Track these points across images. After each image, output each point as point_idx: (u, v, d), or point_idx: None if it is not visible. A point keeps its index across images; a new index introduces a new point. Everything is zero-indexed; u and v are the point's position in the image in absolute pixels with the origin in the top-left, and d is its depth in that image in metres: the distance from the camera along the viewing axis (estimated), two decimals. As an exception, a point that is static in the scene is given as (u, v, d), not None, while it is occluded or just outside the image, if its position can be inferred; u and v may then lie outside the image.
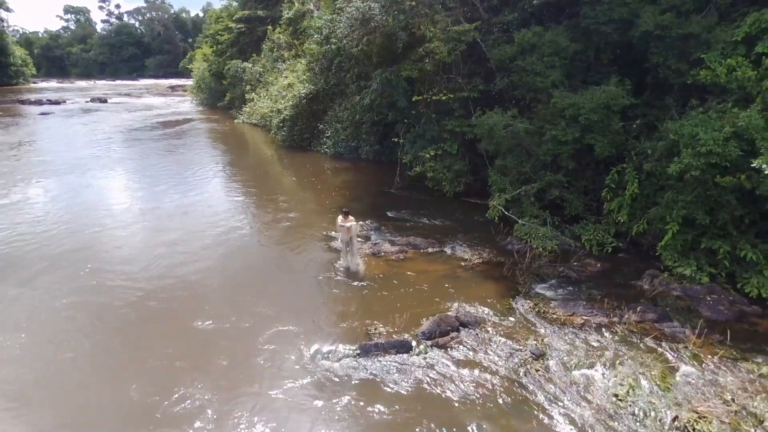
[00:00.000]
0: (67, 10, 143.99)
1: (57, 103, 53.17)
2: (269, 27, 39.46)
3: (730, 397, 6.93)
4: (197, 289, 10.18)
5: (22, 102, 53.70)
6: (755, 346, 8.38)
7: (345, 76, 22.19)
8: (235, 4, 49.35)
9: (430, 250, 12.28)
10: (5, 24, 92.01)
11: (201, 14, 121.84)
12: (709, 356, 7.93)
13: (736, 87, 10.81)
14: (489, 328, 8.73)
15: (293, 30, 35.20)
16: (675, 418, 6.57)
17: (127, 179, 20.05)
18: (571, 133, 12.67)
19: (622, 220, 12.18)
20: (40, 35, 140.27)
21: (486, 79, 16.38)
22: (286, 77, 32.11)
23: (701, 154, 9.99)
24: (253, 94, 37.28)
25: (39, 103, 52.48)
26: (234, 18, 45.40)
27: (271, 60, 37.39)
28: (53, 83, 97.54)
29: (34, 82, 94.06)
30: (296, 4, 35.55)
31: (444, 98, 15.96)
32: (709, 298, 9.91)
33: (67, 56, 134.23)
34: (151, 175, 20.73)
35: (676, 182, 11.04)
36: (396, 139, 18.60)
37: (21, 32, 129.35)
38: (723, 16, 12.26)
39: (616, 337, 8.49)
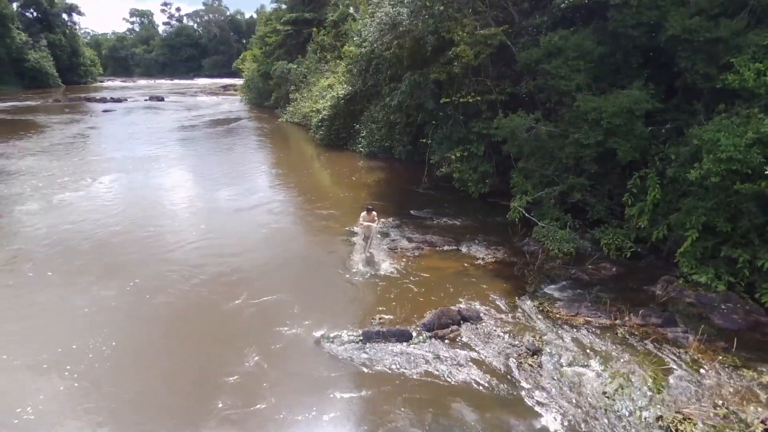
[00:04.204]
0: (133, 13, 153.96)
1: (119, 101, 56.93)
2: (314, 29, 40.73)
3: (720, 402, 6.97)
4: (238, 283, 10.79)
5: (89, 100, 57.95)
6: (763, 355, 8.27)
7: (381, 78, 22.80)
8: (284, 6, 51.11)
9: (445, 248, 12.66)
10: (77, 27, 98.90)
11: (255, 16, 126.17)
12: (709, 362, 7.93)
13: (765, 92, 10.54)
14: (489, 324, 9.06)
15: (336, 32, 36.20)
16: (659, 418, 6.71)
17: (183, 177, 21.26)
18: (593, 136, 12.67)
19: (642, 226, 12.10)
20: (108, 37, 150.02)
21: (515, 81, 16.50)
22: (327, 78, 33.13)
23: (721, 160, 9.85)
24: (297, 94, 38.59)
25: (103, 101, 56.42)
26: (282, 20, 47.04)
27: (314, 61, 38.59)
28: (117, 82, 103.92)
29: (101, 81, 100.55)
30: (340, 6, 36.58)
31: (471, 100, 16.23)
32: (723, 307, 9.77)
33: (131, 57, 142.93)
34: (204, 174, 21.77)
35: (698, 188, 10.90)
36: (424, 140, 19.02)
37: (91, 34, 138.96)
38: (760, 19, 11.91)
39: (616, 339, 8.61)
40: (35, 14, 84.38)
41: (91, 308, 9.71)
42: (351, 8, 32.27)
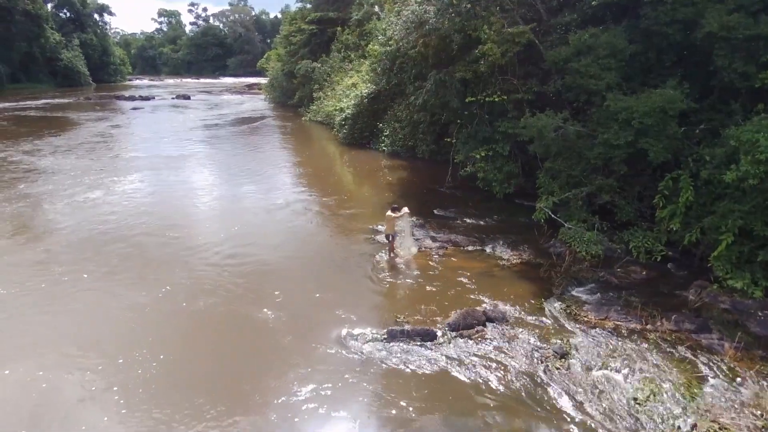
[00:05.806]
0: (161, 13, 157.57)
1: (147, 99, 58.29)
2: (339, 28, 40.88)
3: (759, 412, 6.70)
4: (269, 286, 10.70)
5: (118, 98, 59.61)
6: (804, 365, 7.93)
7: (405, 76, 22.71)
8: (308, 6, 51.42)
9: (470, 248, 12.54)
10: (108, 27, 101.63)
11: (279, 15, 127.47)
12: (746, 370, 7.64)
13: (807, 92, 10.14)
14: (515, 325, 8.92)
15: (360, 31, 36.26)
16: (694, 426, 6.49)
17: (211, 177, 21.39)
18: (623, 137, 12.36)
19: (674, 228, 11.76)
20: (137, 36, 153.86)
21: (542, 80, 16.22)
22: (351, 77, 33.21)
23: (760, 162, 9.51)
24: (321, 93, 38.79)
25: (132, 99, 57.92)
26: (306, 20, 47.33)
27: (338, 60, 38.72)
28: (146, 81, 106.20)
29: (130, 80, 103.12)
30: (365, 5, 36.63)
31: (497, 99, 16.03)
32: (760, 314, 9.43)
33: (159, 56, 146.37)
34: (231, 173, 21.87)
35: (734, 191, 10.53)
36: (448, 139, 18.87)
37: (121, 34, 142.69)
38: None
39: (647, 344, 8.36)
40: (68, 14, 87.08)
41: (128, 315, 9.33)
42: (376, 7, 32.28)
